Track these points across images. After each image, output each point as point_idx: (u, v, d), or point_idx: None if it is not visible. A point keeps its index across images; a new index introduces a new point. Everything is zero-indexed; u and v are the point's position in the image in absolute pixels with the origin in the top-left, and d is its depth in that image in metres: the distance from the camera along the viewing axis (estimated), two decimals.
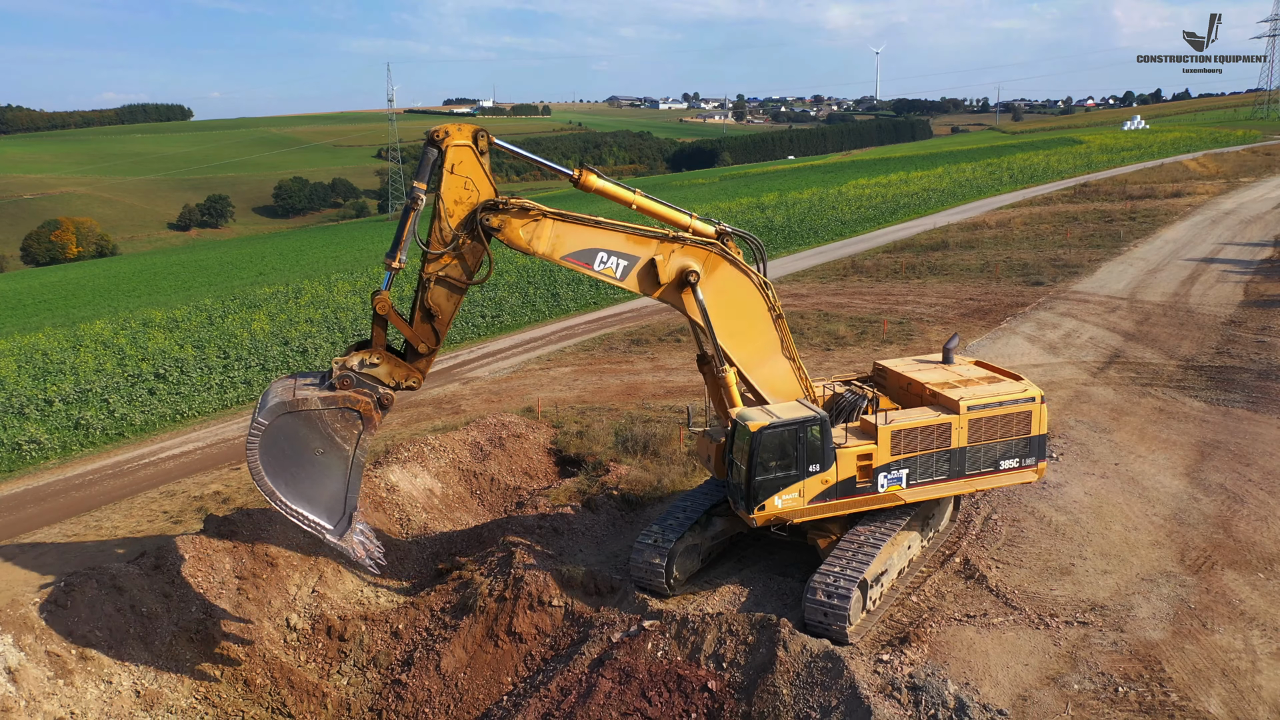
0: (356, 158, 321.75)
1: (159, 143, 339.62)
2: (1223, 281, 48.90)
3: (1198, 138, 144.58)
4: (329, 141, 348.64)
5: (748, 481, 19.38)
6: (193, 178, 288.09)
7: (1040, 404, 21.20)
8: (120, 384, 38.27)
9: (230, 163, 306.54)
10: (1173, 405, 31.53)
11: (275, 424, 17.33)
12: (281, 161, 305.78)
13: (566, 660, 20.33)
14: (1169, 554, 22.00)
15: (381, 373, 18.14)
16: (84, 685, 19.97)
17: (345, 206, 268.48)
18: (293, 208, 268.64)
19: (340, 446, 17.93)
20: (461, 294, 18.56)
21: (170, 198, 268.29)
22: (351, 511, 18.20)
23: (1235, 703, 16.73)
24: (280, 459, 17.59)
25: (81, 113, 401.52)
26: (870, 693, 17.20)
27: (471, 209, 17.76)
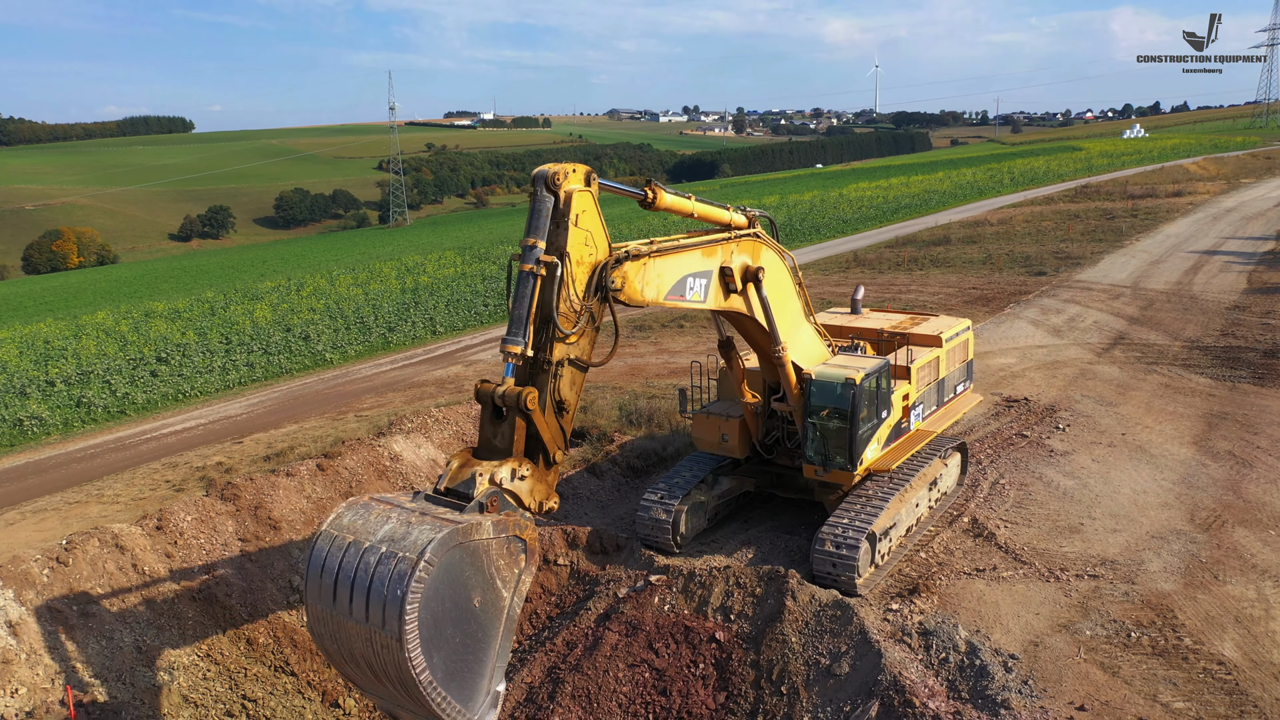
0: (357, 169, 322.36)
1: (160, 154, 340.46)
2: (1226, 271, 48.87)
3: (1197, 144, 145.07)
4: (329, 153, 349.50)
5: (851, 437, 19.18)
6: (194, 189, 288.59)
7: (970, 332, 24.37)
8: (122, 366, 38.19)
9: (231, 174, 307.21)
10: (1178, 381, 31.43)
11: (445, 562, 11.17)
12: (282, 173, 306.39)
13: (572, 616, 20.17)
14: (1179, 514, 21.86)
15: (525, 490, 12.66)
16: (85, 640, 19.78)
17: (346, 217, 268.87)
18: (293, 218, 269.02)
19: (499, 593, 12.23)
20: (584, 378, 14.30)
21: (171, 208, 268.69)
22: (497, 688, 12.30)
23: (1249, 647, 16.56)
24: (435, 617, 11.18)
25: (83, 125, 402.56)
26: (880, 638, 17.05)
27: (593, 269, 13.64)
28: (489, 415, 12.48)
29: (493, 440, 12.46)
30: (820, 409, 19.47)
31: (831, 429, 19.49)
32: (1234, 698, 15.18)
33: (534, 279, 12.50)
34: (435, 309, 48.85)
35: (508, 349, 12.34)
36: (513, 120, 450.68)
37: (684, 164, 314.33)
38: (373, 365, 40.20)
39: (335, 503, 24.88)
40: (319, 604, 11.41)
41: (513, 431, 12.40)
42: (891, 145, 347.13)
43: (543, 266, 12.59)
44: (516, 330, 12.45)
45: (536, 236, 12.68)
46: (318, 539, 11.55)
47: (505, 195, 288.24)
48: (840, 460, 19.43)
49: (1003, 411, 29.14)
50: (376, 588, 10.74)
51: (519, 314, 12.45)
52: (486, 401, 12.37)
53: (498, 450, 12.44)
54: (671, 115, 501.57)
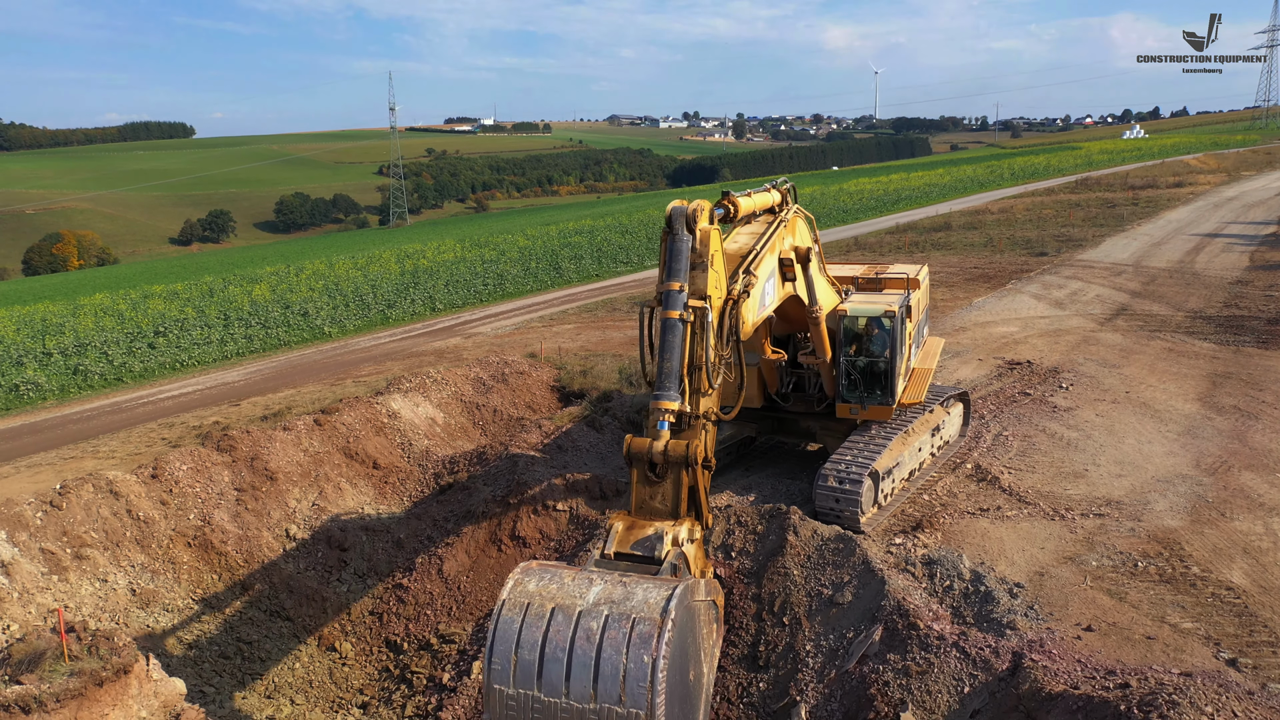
0: (357, 174, 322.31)
1: (161, 159, 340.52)
2: (1228, 251, 48.71)
3: (1197, 142, 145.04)
4: (330, 158, 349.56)
5: (890, 370, 19.30)
6: (194, 193, 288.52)
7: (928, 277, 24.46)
8: (120, 339, 38.01)
9: (232, 178, 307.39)
10: (1182, 346, 31.23)
11: (680, 623, 9.56)
12: (283, 177, 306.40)
13: (570, 559, 19.94)
14: (1184, 461, 21.64)
15: (691, 555, 11.32)
16: (78, 582, 19.55)
17: (346, 221, 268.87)
18: (294, 222, 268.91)
19: (702, 664, 10.79)
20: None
21: (172, 213, 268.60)
22: None
23: (1258, 574, 16.33)
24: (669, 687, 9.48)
25: (84, 130, 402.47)
26: (883, 568, 16.83)
27: (721, 311, 12.52)
28: (644, 473, 11.14)
29: (651, 501, 11.16)
30: (857, 346, 19.50)
31: (867, 365, 19.45)
32: (1243, 619, 14.95)
33: (683, 326, 11.35)
34: (435, 288, 48.70)
35: (663, 405, 11.10)
36: (513, 126, 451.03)
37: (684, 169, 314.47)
38: (371, 338, 40.00)
39: (333, 456, 24.71)
40: (517, 686, 9.38)
41: (676, 490, 11.14)
42: (891, 150, 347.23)
43: (690, 312, 11.51)
44: (669, 384, 11.22)
45: (680, 280, 11.56)
46: (502, 610, 9.66)
47: (505, 199, 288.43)
48: (879, 395, 19.46)
49: (1005, 373, 28.93)
50: (608, 658, 9.09)
51: (670, 367, 11.24)
52: (643, 459, 11.02)
53: (658, 511, 11.15)
54: (672, 121, 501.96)
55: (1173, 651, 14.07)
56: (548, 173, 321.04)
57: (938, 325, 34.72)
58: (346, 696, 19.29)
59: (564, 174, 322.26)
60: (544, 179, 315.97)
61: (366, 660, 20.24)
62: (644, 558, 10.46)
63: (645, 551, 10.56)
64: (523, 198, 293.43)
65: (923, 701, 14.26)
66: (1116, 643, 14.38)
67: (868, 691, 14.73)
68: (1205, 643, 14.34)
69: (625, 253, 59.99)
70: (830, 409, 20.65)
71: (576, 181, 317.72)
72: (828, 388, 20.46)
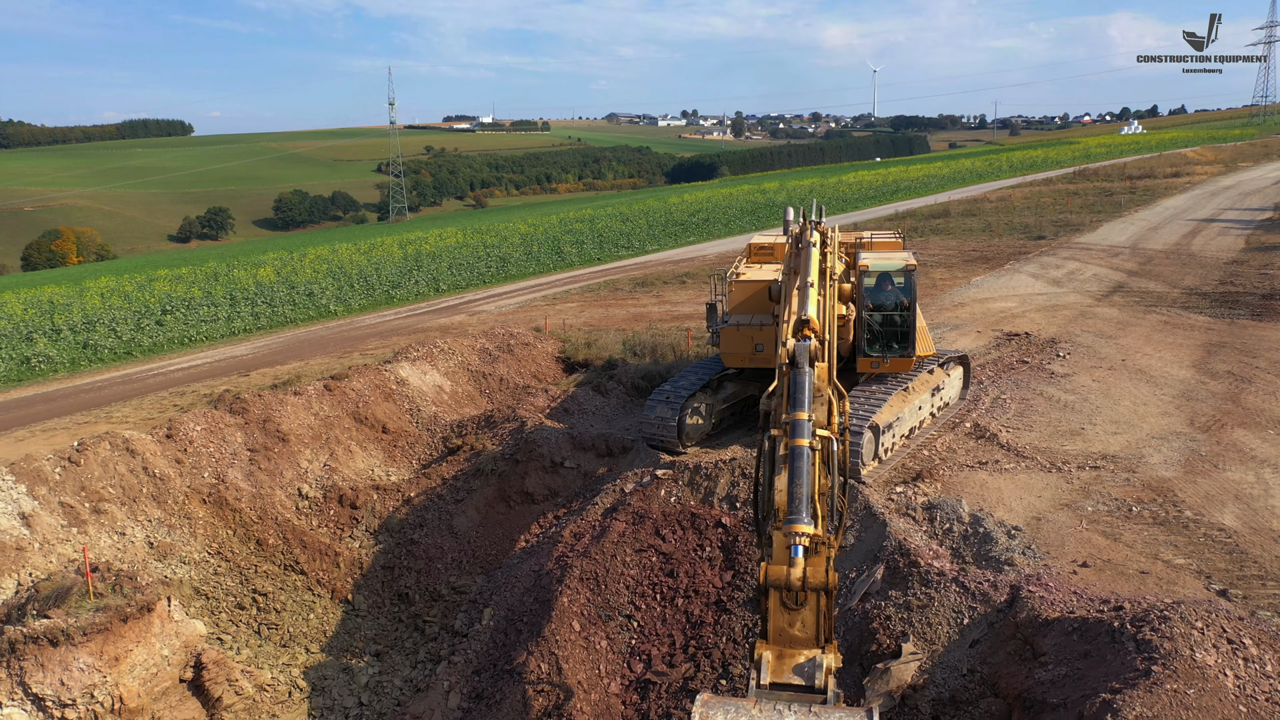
0: (356, 172, 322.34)
1: (159, 157, 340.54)
2: (1224, 235, 49.19)
3: (1194, 137, 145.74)
4: (328, 156, 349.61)
5: (911, 322, 19.97)
6: (193, 191, 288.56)
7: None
8: (127, 316, 38.45)
9: (230, 175, 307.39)
10: (1178, 319, 31.69)
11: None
12: (281, 175, 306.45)
13: (580, 512, 20.38)
14: (1178, 420, 22.09)
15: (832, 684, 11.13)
16: (97, 535, 20.00)
17: (345, 219, 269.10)
18: (293, 220, 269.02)
19: None
20: None
21: (171, 210, 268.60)
22: None
23: (1249, 517, 16.79)
24: None
25: (83, 128, 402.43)
26: (885, 512, 17.29)
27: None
28: (782, 600, 10.88)
29: (790, 628, 10.90)
30: (880, 301, 20.03)
31: (887, 319, 19.99)
32: (1234, 555, 15.41)
33: (812, 454, 11.35)
34: (438, 270, 49.19)
35: (797, 529, 10.78)
36: (511, 124, 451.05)
37: (683, 166, 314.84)
38: (376, 316, 40.45)
39: (343, 420, 25.15)
40: None
41: (816, 618, 10.90)
42: (890, 148, 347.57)
43: (819, 440, 11.62)
44: (802, 509, 10.98)
45: (805, 411, 11.63)
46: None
47: (504, 197, 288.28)
48: (898, 348, 19.99)
49: (1003, 343, 29.37)
50: None
51: (800, 492, 11.07)
52: (782, 586, 10.76)
53: (798, 640, 10.89)
54: (670, 119, 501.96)
55: (1166, 584, 14.53)
56: (546, 170, 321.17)
57: (936, 302, 35.22)
58: (360, 645, 19.74)
59: (563, 172, 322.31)
60: (543, 177, 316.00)
61: (379, 611, 20.70)
62: (804, 687, 10.30)
63: (804, 680, 10.37)
64: (521, 195, 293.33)
65: (923, 633, 14.71)
66: (1111, 577, 14.84)
67: (870, 626, 15.18)
68: (1197, 576, 14.80)
69: (627, 239, 60.54)
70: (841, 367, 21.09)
71: (575, 179, 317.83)
72: (843, 346, 20.84)
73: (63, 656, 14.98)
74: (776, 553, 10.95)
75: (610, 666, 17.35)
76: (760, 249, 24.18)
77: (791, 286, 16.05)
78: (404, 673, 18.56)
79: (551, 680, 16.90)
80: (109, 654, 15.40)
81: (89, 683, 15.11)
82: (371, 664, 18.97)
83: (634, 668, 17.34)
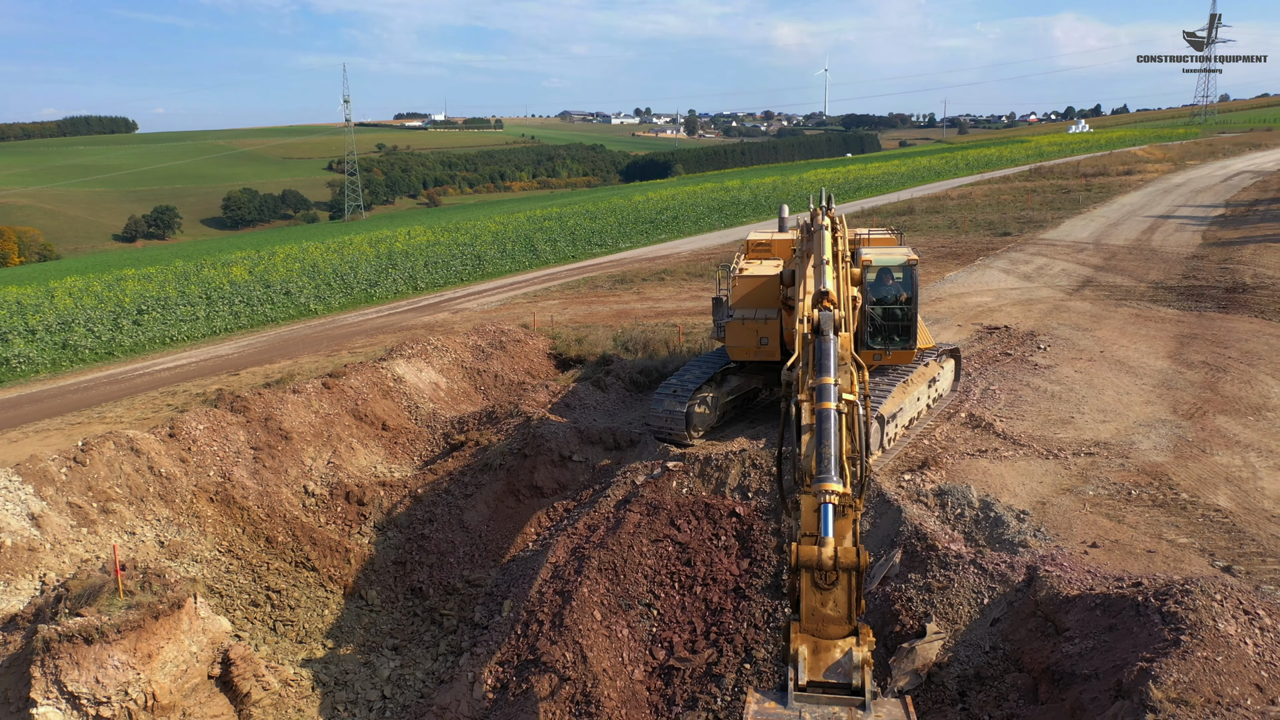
0: (307, 170, 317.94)
1: (103, 155, 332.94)
2: (1181, 230, 50.80)
3: (1141, 135, 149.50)
4: (278, 154, 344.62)
5: (912, 314, 20.54)
6: (138, 189, 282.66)
7: None
8: (103, 316, 37.91)
9: (177, 173, 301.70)
10: (1148, 312, 32.80)
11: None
12: (229, 173, 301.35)
13: (591, 504, 20.69)
14: (1162, 408, 22.99)
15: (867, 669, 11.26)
16: (107, 534, 19.91)
17: (296, 217, 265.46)
18: (242, 218, 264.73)
19: None
20: None
21: (115, 209, 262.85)
22: None
23: (1242, 499, 17.64)
24: None
25: (22, 125, 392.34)
26: (898, 498, 17.86)
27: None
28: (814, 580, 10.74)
29: (823, 608, 10.82)
30: (882, 294, 20.51)
31: (888, 313, 20.49)
32: (1233, 534, 16.21)
33: (839, 417, 11.37)
34: (414, 269, 49.09)
35: (828, 488, 10.66)
36: (464, 121, 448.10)
37: (637, 165, 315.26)
38: (358, 315, 40.33)
39: (343, 418, 25.19)
40: None
41: (848, 596, 10.82)
42: (841, 146, 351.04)
43: (845, 404, 11.65)
44: (830, 468, 10.80)
45: (831, 376, 11.75)
46: None
47: (458, 195, 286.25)
48: (900, 340, 20.47)
49: (985, 337, 30.19)
50: None
51: (827, 453, 10.93)
52: (814, 567, 10.65)
53: (830, 619, 10.86)
54: (624, 117, 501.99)
55: (1172, 562, 15.25)
56: (500, 168, 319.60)
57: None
58: (377, 640, 19.88)
59: (517, 170, 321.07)
60: (496, 175, 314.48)
61: (393, 606, 20.84)
62: (842, 686, 10.51)
63: (840, 679, 10.56)
64: (475, 193, 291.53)
65: (945, 613, 15.28)
66: (1121, 556, 15.54)
67: (892, 608, 15.72)
68: (1201, 554, 15.55)
69: (599, 236, 60.80)
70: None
71: (529, 177, 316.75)
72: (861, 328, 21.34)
73: (97, 654, 14.99)
74: (805, 516, 10.95)
75: (633, 654, 17.72)
76: (758, 245, 24.69)
77: (805, 268, 16.44)
78: (425, 665, 18.75)
79: (577, 669, 17.21)
80: (142, 651, 15.43)
81: (123, 680, 15.14)
82: (391, 658, 19.13)
83: (656, 655, 17.72)
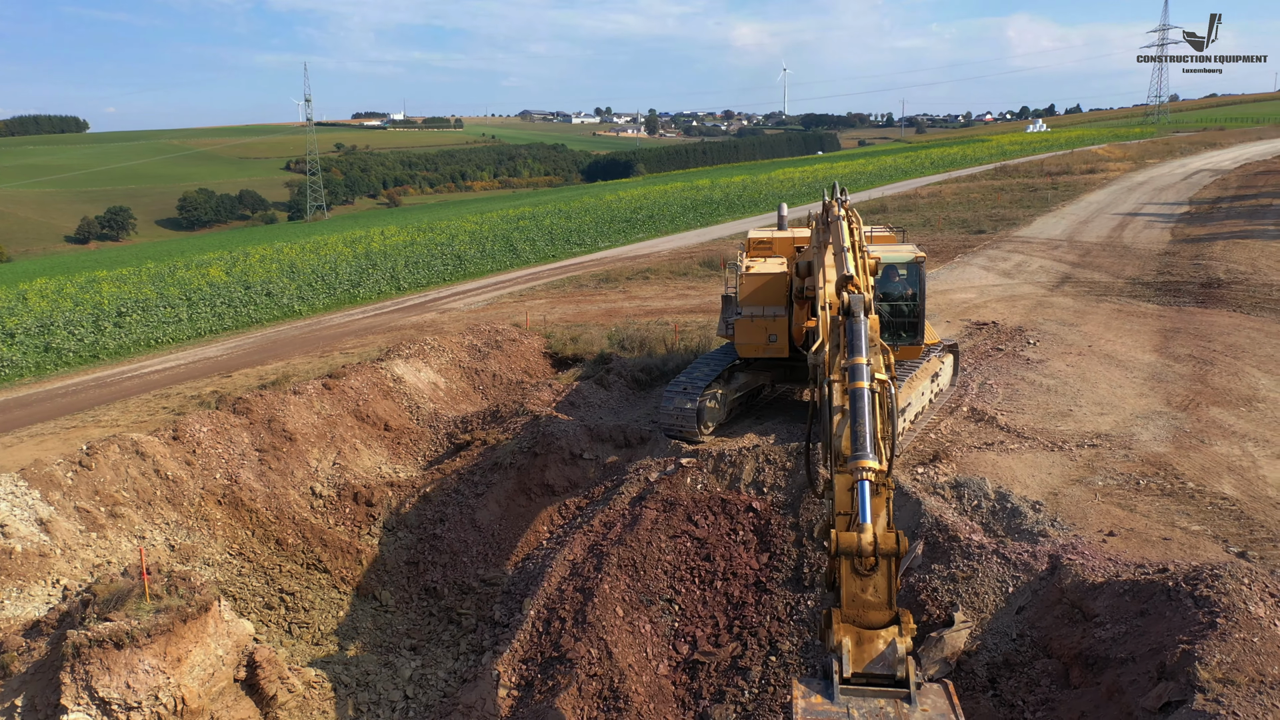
0: (264, 170, 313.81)
1: (53, 155, 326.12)
2: (1150, 228, 51.96)
3: (1099, 135, 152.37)
4: (234, 154, 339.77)
5: (920, 311, 20.88)
6: (90, 190, 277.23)
7: None
8: (83, 319, 37.25)
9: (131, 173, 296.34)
10: (1129, 307, 33.55)
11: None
12: (184, 173, 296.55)
13: (605, 501, 20.80)
14: (1156, 401, 23.57)
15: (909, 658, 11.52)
16: (117, 539, 19.67)
17: (254, 218, 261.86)
18: (198, 219, 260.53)
19: None
20: None
21: (67, 210, 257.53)
22: None
23: (1246, 487, 18.17)
24: None
25: None
26: (916, 490, 18.17)
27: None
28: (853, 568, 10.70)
29: (863, 594, 10.83)
30: (889, 291, 20.79)
31: (895, 309, 20.76)
32: (1242, 521, 16.70)
33: (873, 396, 11.28)
34: (396, 268, 48.79)
35: (864, 464, 10.51)
36: (424, 121, 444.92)
37: (599, 164, 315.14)
38: (344, 315, 40.03)
39: (345, 419, 25.06)
40: None
41: (888, 582, 10.75)
42: (801, 146, 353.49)
43: (878, 384, 11.56)
44: (866, 445, 10.64)
45: (863, 356, 11.69)
46: None
47: (418, 195, 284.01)
48: (907, 336, 20.76)
49: (975, 332, 30.71)
50: None
51: (862, 431, 10.79)
52: (854, 553, 10.55)
53: (871, 604, 10.85)
54: (584, 116, 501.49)
55: (1189, 548, 15.69)
56: (461, 168, 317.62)
57: None
58: (394, 640, 19.82)
59: (478, 169, 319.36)
60: (457, 174, 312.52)
61: (408, 606, 20.80)
62: (887, 678, 10.56)
63: (884, 670, 10.59)
64: (436, 193, 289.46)
65: (971, 602, 15.60)
66: (1138, 544, 15.95)
67: (918, 598, 16.01)
68: (1214, 540, 16.01)
69: (577, 235, 60.80)
70: None
71: (490, 177, 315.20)
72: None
73: (128, 659, 14.83)
74: (839, 496, 10.89)
75: (656, 649, 17.87)
76: (759, 243, 24.92)
77: (824, 256, 16.55)
78: (447, 665, 18.73)
79: (602, 664, 17.32)
80: (171, 655, 15.30)
81: (154, 685, 14.99)
82: (411, 658, 19.09)
83: (680, 649, 17.88)
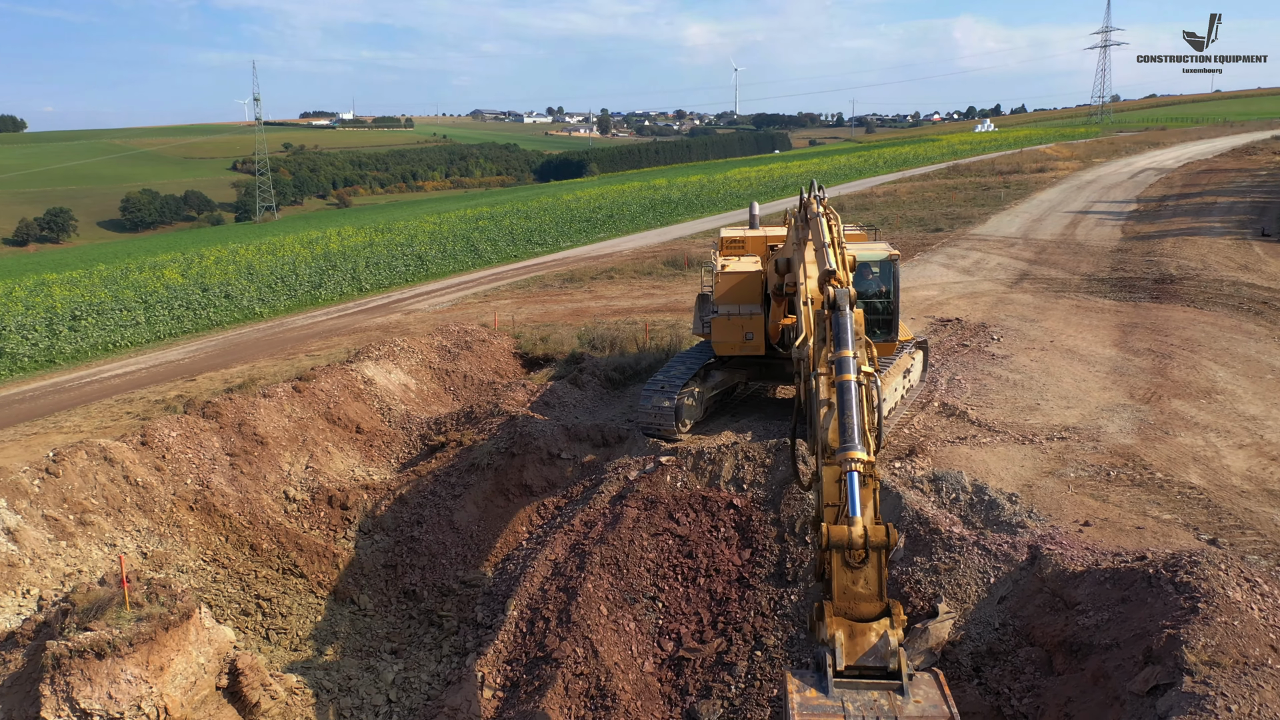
0: (209, 170, 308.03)
1: None
2: (1101, 225, 53.14)
3: (1046, 134, 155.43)
4: (179, 154, 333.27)
5: (894, 309, 21.09)
6: (28, 190, 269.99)
7: None
8: (36, 322, 36.34)
9: (72, 175, 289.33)
10: (1087, 303, 34.31)
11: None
12: (127, 174, 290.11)
13: (585, 501, 20.82)
14: (1119, 394, 24.15)
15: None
16: (87, 548, 19.26)
17: (200, 219, 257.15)
18: (142, 220, 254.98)
19: None
20: None
21: (4, 212, 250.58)
22: None
23: (1211, 476, 18.71)
24: None
25: None
26: (895, 484, 18.44)
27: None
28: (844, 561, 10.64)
29: (854, 586, 10.78)
30: (863, 289, 20.83)
31: (870, 307, 20.89)
32: (1210, 509, 17.20)
33: (859, 388, 11.40)
34: (357, 269, 48.26)
35: (852, 455, 10.58)
36: (374, 120, 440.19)
37: (551, 164, 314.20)
38: (306, 317, 39.53)
39: (316, 421, 24.79)
40: None
41: (877, 574, 10.75)
42: (753, 145, 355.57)
43: (864, 376, 11.70)
44: (853, 437, 10.70)
45: (849, 349, 11.82)
46: None
47: (369, 195, 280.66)
48: (882, 334, 20.94)
49: (939, 329, 31.19)
50: None
51: (850, 423, 10.84)
52: (844, 546, 10.50)
53: (862, 596, 10.80)
54: (536, 116, 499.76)
55: (1161, 537, 16.12)
56: (412, 168, 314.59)
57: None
58: (375, 644, 19.65)
59: (429, 169, 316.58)
60: (409, 174, 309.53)
61: (387, 610, 20.63)
62: (879, 670, 10.59)
63: (876, 662, 10.60)
64: (387, 193, 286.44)
65: (954, 593, 15.89)
66: (1113, 533, 16.35)
67: (901, 590, 16.25)
68: (1186, 529, 16.46)
69: (539, 235, 60.63)
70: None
71: (442, 177, 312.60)
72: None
73: (110, 669, 14.54)
74: (827, 488, 10.91)
75: (641, 647, 17.93)
76: (732, 242, 25.06)
77: (804, 252, 16.71)
78: (429, 668, 18.61)
79: (589, 663, 17.34)
80: (154, 664, 15.03)
81: (136, 694, 14.72)
82: (392, 662, 18.94)
83: (665, 646, 17.96)
